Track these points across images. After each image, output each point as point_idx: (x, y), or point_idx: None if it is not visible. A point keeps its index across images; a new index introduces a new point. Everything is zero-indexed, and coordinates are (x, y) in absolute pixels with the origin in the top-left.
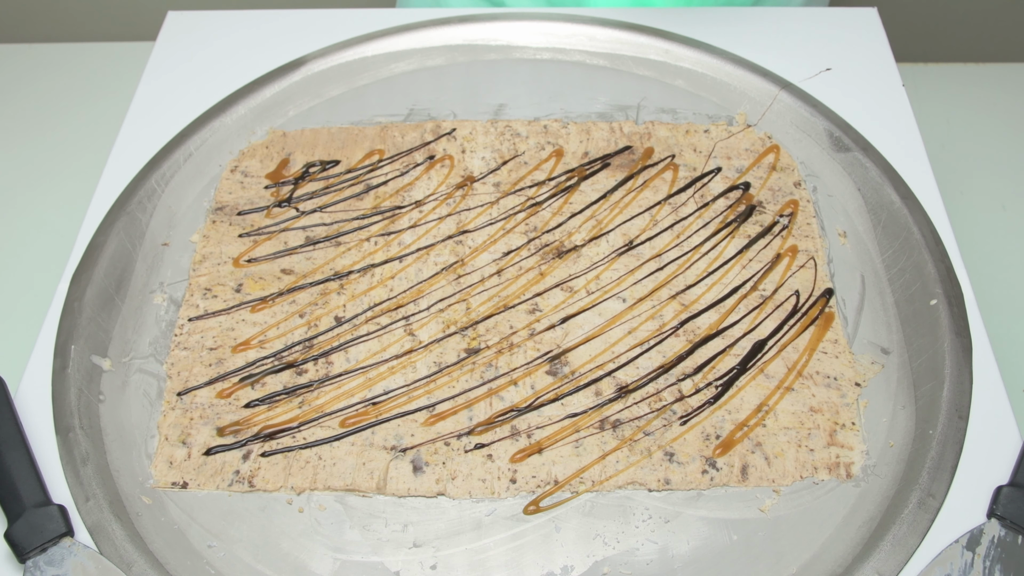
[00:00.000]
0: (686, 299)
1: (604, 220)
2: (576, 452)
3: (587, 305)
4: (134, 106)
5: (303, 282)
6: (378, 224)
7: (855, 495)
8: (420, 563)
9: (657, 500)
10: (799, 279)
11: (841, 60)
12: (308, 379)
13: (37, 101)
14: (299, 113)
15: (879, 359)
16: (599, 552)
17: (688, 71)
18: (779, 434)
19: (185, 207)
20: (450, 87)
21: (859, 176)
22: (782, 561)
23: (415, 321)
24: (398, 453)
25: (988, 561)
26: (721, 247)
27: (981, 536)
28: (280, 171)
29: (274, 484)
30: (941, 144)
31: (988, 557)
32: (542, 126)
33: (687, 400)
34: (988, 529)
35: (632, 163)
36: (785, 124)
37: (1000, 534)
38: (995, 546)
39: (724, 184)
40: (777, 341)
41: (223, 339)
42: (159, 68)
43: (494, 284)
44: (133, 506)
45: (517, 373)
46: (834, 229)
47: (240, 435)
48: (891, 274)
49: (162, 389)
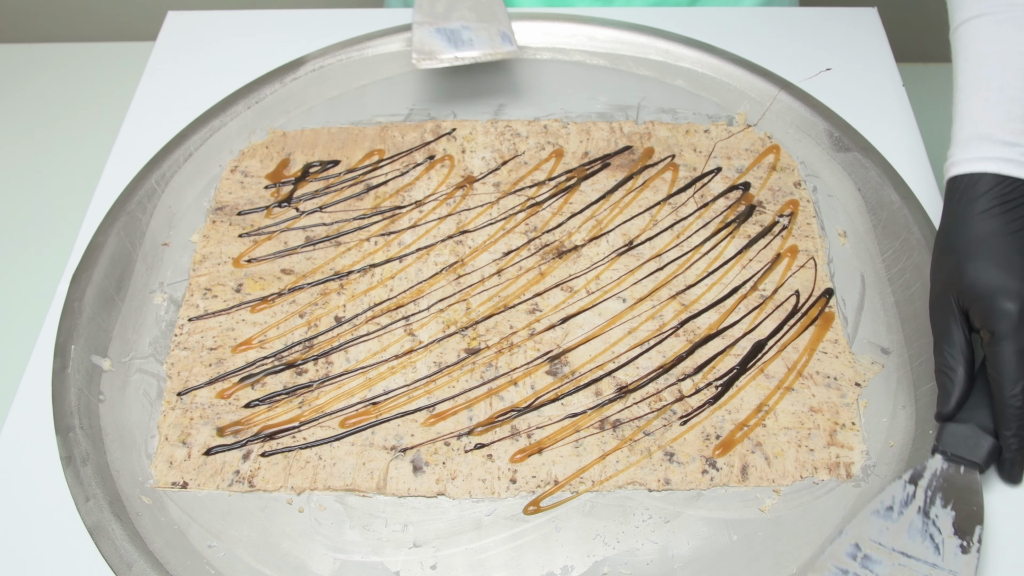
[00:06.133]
0: (686, 299)
1: (604, 220)
2: (576, 452)
3: (587, 305)
4: (134, 106)
5: (303, 282)
6: (378, 224)
7: (855, 495)
8: (420, 563)
9: (657, 500)
10: (799, 279)
11: (841, 60)
12: (308, 379)
13: (37, 101)
14: (299, 113)
15: (879, 359)
16: (599, 552)
17: (688, 71)
18: (779, 434)
19: (185, 207)
20: (450, 87)
21: (859, 176)
22: (782, 561)
23: (415, 321)
24: (398, 453)
25: (930, 491)
26: (721, 247)
27: (924, 471)
28: (280, 171)
29: (274, 484)
30: (941, 144)
31: (930, 487)
32: (542, 126)
33: (687, 400)
34: (931, 464)
35: (632, 163)
36: (785, 124)
37: (943, 467)
38: (937, 477)
39: (724, 184)
40: (777, 341)
41: (223, 339)
42: (159, 68)
43: (494, 284)
44: (133, 506)
45: (517, 373)
46: (834, 229)
47: (240, 435)
48: (891, 274)
49: (162, 389)
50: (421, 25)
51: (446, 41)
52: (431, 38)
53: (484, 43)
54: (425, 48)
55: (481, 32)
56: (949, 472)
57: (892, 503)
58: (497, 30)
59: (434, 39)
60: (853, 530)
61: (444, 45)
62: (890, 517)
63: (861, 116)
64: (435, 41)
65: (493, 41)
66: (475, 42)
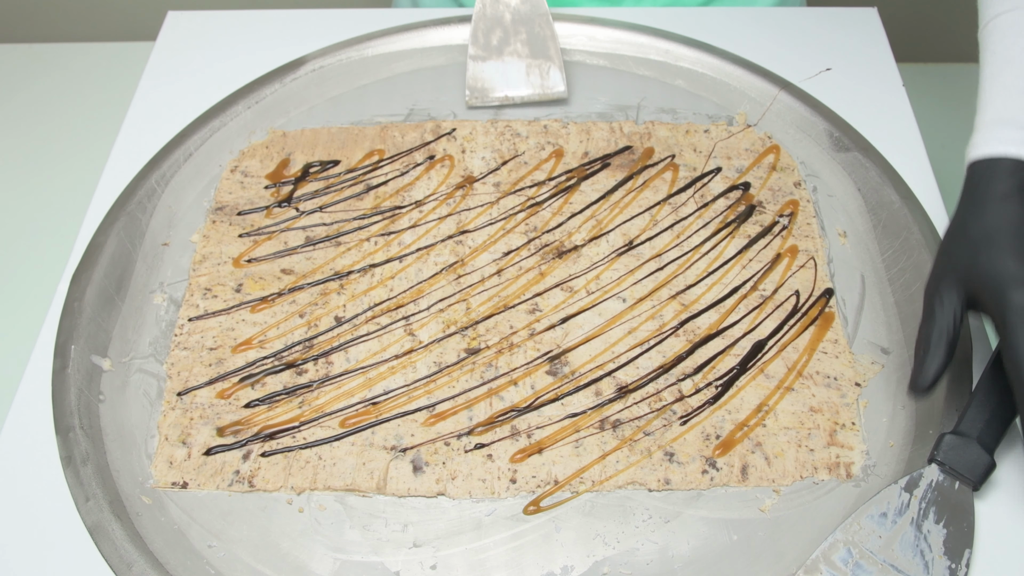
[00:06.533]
0: (686, 299)
1: (604, 220)
2: (576, 452)
3: (587, 305)
4: (134, 106)
5: (303, 282)
6: (378, 224)
7: (855, 495)
8: (420, 563)
9: (657, 500)
10: (799, 279)
11: (841, 60)
12: (308, 379)
13: (37, 101)
14: (299, 113)
15: (879, 359)
16: (599, 552)
17: (688, 71)
18: (779, 434)
19: (185, 207)
20: (450, 87)
21: (859, 176)
22: (782, 561)
23: (415, 321)
24: (398, 453)
25: (924, 503)
26: (721, 247)
27: (920, 479)
28: (280, 171)
29: (274, 484)
30: (941, 144)
31: (924, 499)
32: (542, 126)
33: (687, 400)
34: (928, 473)
35: (632, 163)
36: (785, 124)
37: (938, 478)
38: (932, 489)
39: (724, 184)
40: (777, 341)
41: (223, 339)
42: (159, 68)
43: (494, 284)
44: (133, 506)
45: (517, 373)
46: (834, 229)
47: (240, 435)
48: (891, 274)
49: (162, 389)
50: (476, 60)
51: (499, 78)
52: (484, 74)
53: (535, 83)
54: (478, 85)
55: (533, 70)
56: (944, 486)
57: (887, 509)
58: (548, 69)
59: (487, 75)
60: (846, 532)
61: (496, 82)
62: (884, 524)
63: (861, 116)
64: (488, 78)
65: (544, 80)
66: (526, 81)
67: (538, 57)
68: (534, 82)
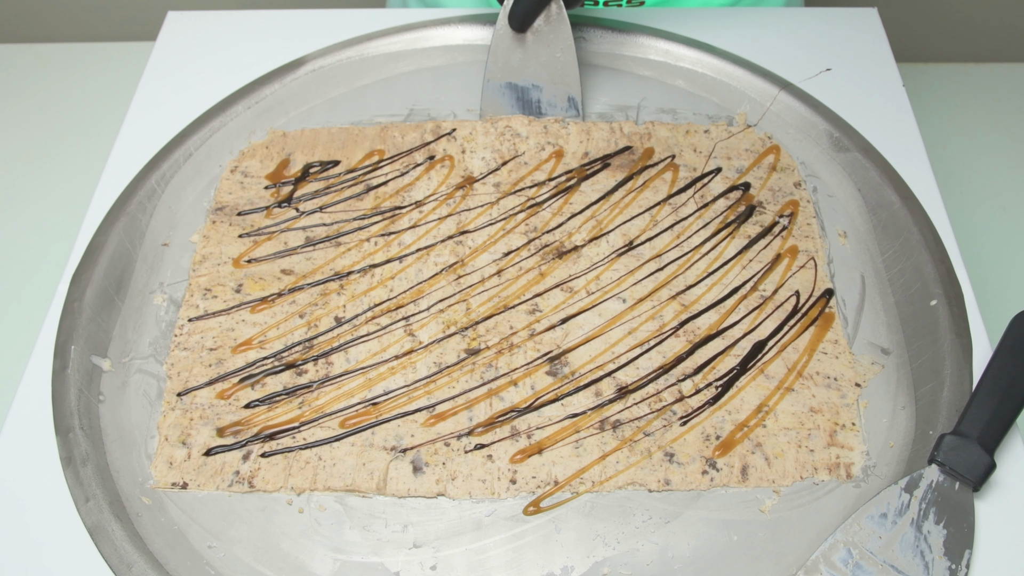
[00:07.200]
0: (686, 299)
1: (604, 220)
2: (576, 452)
3: (587, 305)
4: (134, 106)
5: (303, 282)
6: (378, 224)
7: (855, 495)
8: (420, 563)
9: (657, 500)
10: (799, 279)
11: (841, 60)
12: (308, 379)
13: (37, 101)
14: (299, 113)
15: (879, 359)
16: (599, 552)
17: (688, 71)
18: (779, 434)
19: (185, 207)
20: (450, 87)
21: (859, 176)
22: (782, 562)
23: (415, 321)
24: (398, 453)
25: (924, 504)
26: (721, 247)
27: (920, 480)
28: (280, 171)
29: (274, 484)
30: (941, 144)
31: (924, 500)
32: (542, 126)
33: (687, 400)
34: (928, 474)
35: (632, 163)
36: (785, 124)
37: (938, 479)
38: (932, 490)
39: (724, 184)
40: (777, 341)
41: (223, 339)
42: (159, 68)
43: (494, 284)
44: (133, 506)
45: (517, 373)
46: (834, 229)
47: (240, 435)
48: (891, 274)
49: (162, 389)
50: (492, 79)
51: (514, 100)
52: (499, 95)
53: (551, 108)
54: (492, 106)
55: (550, 95)
56: (944, 486)
57: (887, 510)
58: (566, 94)
59: (502, 96)
60: (846, 533)
61: (511, 104)
62: (884, 524)
63: (861, 116)
64: (503, 99)
65: (560, 106)
66: (542, 105)
67: (557, 82)
68: (550, 106)
